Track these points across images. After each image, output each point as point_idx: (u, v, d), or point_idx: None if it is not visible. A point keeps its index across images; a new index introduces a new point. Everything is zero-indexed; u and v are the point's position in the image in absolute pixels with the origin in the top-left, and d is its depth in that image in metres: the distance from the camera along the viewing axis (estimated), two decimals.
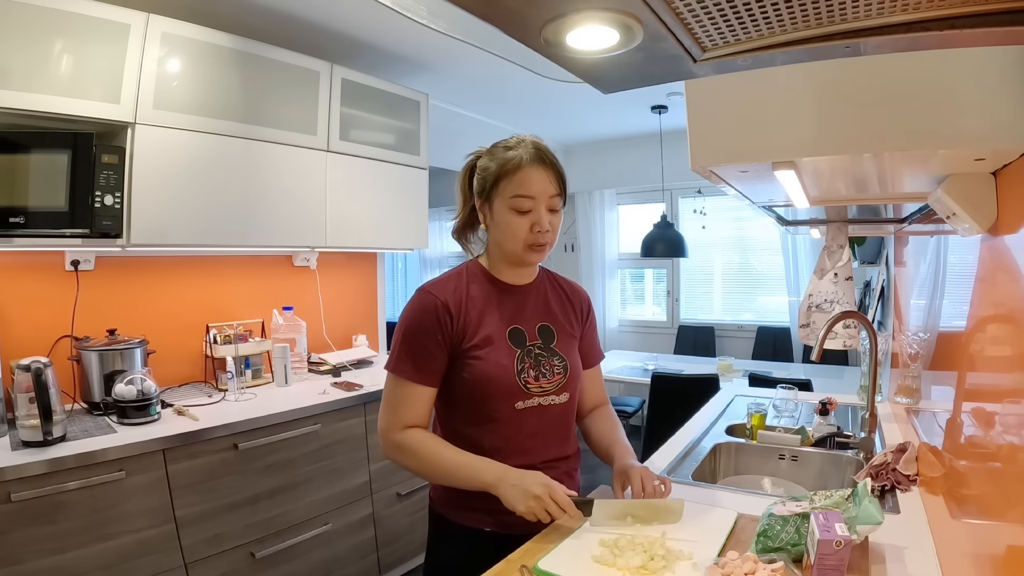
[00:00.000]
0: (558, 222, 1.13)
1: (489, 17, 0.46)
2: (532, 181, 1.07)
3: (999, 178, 0.87)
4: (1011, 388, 0.76)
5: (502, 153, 1.10)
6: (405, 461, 1.11)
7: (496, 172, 1.09)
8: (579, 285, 1.32)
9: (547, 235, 1.10)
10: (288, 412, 2.04)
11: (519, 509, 0.99)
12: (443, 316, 1.09)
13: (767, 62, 0.53)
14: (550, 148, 1.13)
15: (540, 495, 0.99)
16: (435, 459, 1.08)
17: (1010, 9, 0.42)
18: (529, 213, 1.08)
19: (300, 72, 2.37)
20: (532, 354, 1.14)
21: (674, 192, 4.79)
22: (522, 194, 1.07)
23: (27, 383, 1.56)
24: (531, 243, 1.10)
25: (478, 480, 1.05)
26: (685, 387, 3.05)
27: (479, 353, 1.10)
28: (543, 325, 1.18)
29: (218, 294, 2.50)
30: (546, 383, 1.14)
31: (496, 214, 1.11)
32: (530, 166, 1.08)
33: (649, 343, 4.94)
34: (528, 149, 1.09)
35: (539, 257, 1.13)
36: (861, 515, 0.93)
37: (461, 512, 1.14)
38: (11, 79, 1.66)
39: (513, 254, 1.12)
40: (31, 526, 1.48)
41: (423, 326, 1.09)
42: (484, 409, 1.11)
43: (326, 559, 2.18)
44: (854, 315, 1.54)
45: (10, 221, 1.67)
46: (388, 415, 1.12)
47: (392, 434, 1.10)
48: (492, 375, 1.09)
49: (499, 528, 1.10)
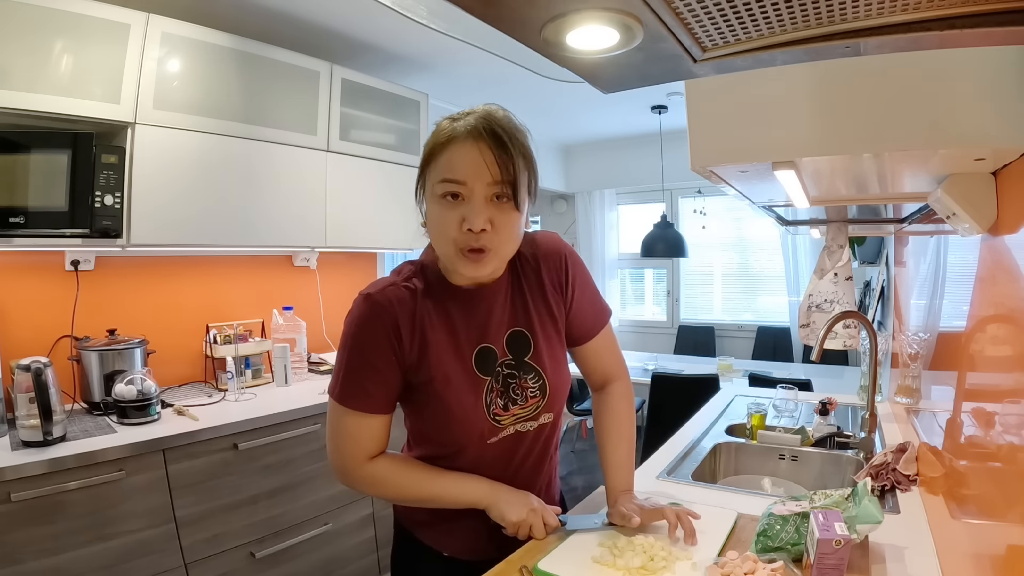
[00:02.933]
0: (509, 220, 0.85)
1: (489, 17, 0.46)
2: (462, 162, 0.82)
3: (999, 178, 0.87)
4: (1011, 388, 0.76)
5: (441, 126, 0.87)
6: (379, 491, 0.97)
7: (428, 150, 0.87)
8: (551, 240, 1.03)
9: (484, 237, 0.83)
10: (288, 412, 2.04)
11: (511, 518, 0.94)
12: (392, 333, 0.89)
13: (767, 62, 0.53)
14: (515, 122, 0.88)
15: (536, 508, 0.96)
16: (415, 488, 0.95)
17: (1010, 9, 0.42)
18: (459, 204, 0.84)
19: (300, 72, 2.37)
20: (500, 377, 0.95)
21: (674, 192, 4.80)
22: (448, 178, 0.83)
23: (27, 383, 1.56)
24: (462, 246, 0.84)
25: (467, 498, 0.95)
26: (685, 387, 3.05)
27: (438, 389, 0.91)
28: (515, 332, 0.97)
29: (218, 294, 2.50)
30: (519, 410, 0.96)
31: (427, 204, 0.88)
32: (465, 141, 0.83)
33: (649, 343, 4.94)
34: (469, 121, 0.84)
35: (476, 268, 0.86)
36: (861, 514, 0.93)
37: (422, 528, 1.06)
38: (11, 79, 1.66)
39: (447, 258, 0.88)
40: (31, 526, 1.48)
41: (370, 342, 0.89)
42: (448, 446, 0.97)
43: (326, 559, 2.18)
44: (854, 315, 1.54)
45: (10, 221, 1.67)
46: (346, 450, 0.93)
47: (357, 471, 0.94)
48: (456, 416, 0.92)
49: (459, 553, 1.03)
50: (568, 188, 5.11)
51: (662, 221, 3.89)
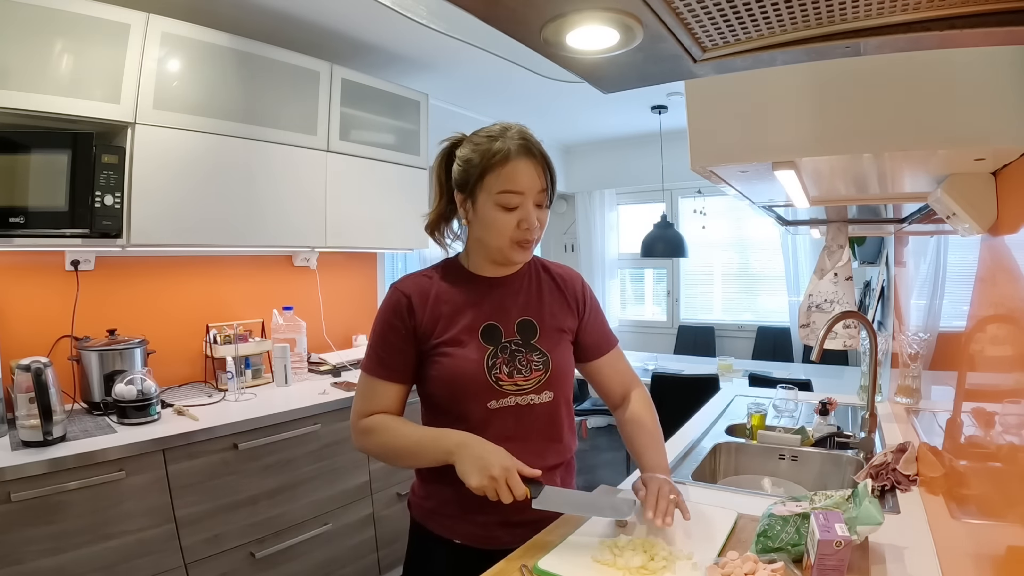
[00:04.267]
0: (545, 217, 1.06)
1: (489, 17, 0.46)
2: (520, 175, 1.00)
3: (999, 178, 0.87)
4: (1011, 388, 0.76)
5: (486, 144, 1.02)
6: (371, 444, 1.08)
7: (481, 165, 1.01)
8: (572, 269, 1.24)
9: (535, 232, 1.04)
10: (288, 412, 2.04)
11: (471, 483, 0.93)
12: (405, 311, 1.06)
13: (767, 62, 0.53)
14: (536, 138, 1.05)
15: (496, 476, 0.92)
16: (398, 436, 1.05)
17: (1010, 9, 0.42)
18: (516, 209, 1.01)
19: (300, 72, 2.37)
20: (507, 350, 1.07)
21: (674, 192, 4.79)
22: (509, 189, 1.00)
23: (27, 383, 1.56)
24: (517, 240, 1.03)
25: (439, 448, 0.99)
26: (685, 387, 3.05)
27: (446, 350, 1.05)
28: (524, 320, 1.11)
29: (218, 294, 2.50)
30: (522, 380, 1.07)
31: (480, 210, 1.03)
32: (518, 159, 1.00)
33: (649, 343, 4.94)
34: (515, 140, 1.01)
35: (525, 255, 1.07)
36: (861, 515, 0.92)
37: (434, 518, 1.10)
38: (11, 79, 1.66)
39: (498, 251, 1.05)
40: (31, 526, 1.48)
41: (388, 321, 1.07)
42: (455, 409, 1.06)
43: (326, 559, 2.18)
44: (854, 315, 1.54)
45: (10, 221, 1.67)
46: (356, 405, 1.11)
47: (358, 422, 1.09)
48: (461, 372, 1.04)
49: (469, 541, 1.06)
50: (568, 188, 5.11)
51: (662, 221, 3.89)
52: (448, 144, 1.11)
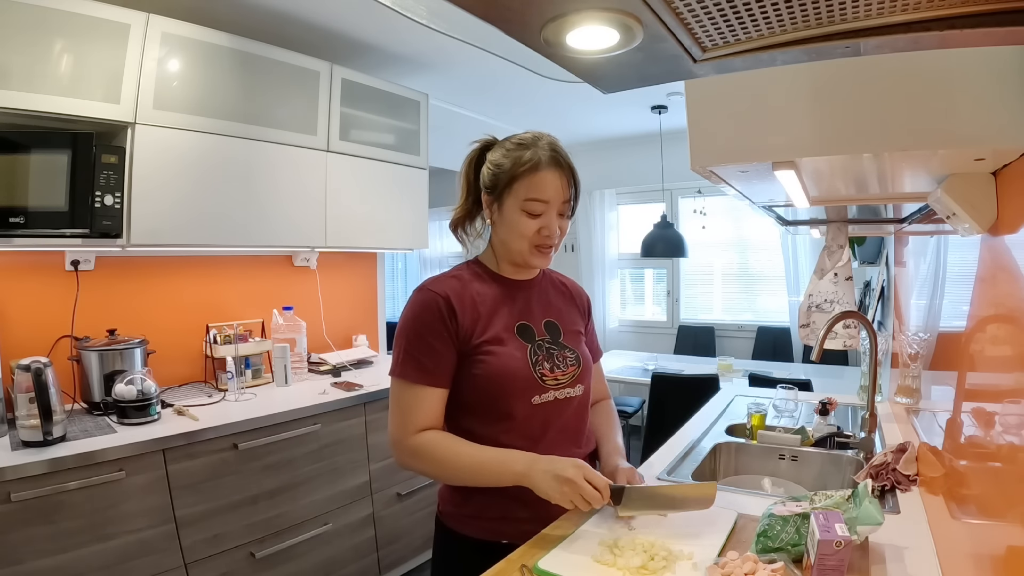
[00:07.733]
0: (567, 226, 1.11)
1: (489, 17, 0.46)
2: (547, 185, 1.05)
3: (999, 178, 0.87)
4: (1011, 388, 0.76)
5: (517, 151, 1.06)
6: (422, 466, 1.05)
7: (510, 171, 1.06)
8: (579, 286, 1.33)
9: (554, 238, 1.09)
10: (288, 412, 2.04)
11: (554, 497, 0.96)
12: (446, 312, 1.05)
13: (767, 62, 0.53)
14: (565, 150, 1.09)
15: (572, 477, 0.95)
16: (456, 458, 1.03)
17: (1010, 9, 0.42)
18: (540, 216, 1.06)
19: (300, 72, 2.37)
20: (543, 348, 1.12)
21: (674, 192, 4.79)
22: (536, 198, 1.05)
23: (27, 383, 1.56)
24: (537, 244, 1.08)
25: (507, 472, 1.00)
26: (685, 387, 3.05)
27: (490, 349, 1.07)
28: (549, 321, 1.16)
29: (218, 294, 2.50)
30: (561, 375, 1.11)
31: (506, 213, 1.08)
32: (547, 169, 1.05)
33: (649, 343, 4.93)
34: (545, 151, 1.06)
35: (544, 261, 1.11)
36: (861, 516, 0.92)
37: (474, 523, 1.10)
38: (11, 79, 1.66)
39: (518, 254, 1.10)
40: (31, 526, 1.48)
41: (427, 323, 1.05)
42: (500, 406, 1.07)
43: (326, 559, 2.18)
44: (854, 315, 1.54)
45: (10, 221, 1.67)
46: (398, 421, 1.06)
47: (405, 440, 1.04)
48: (507, 369, 1.06)
49: (518, 538, 1.04)
50: None
51: (662, 221, 3.89)
52: (479, 146, 1.14)
